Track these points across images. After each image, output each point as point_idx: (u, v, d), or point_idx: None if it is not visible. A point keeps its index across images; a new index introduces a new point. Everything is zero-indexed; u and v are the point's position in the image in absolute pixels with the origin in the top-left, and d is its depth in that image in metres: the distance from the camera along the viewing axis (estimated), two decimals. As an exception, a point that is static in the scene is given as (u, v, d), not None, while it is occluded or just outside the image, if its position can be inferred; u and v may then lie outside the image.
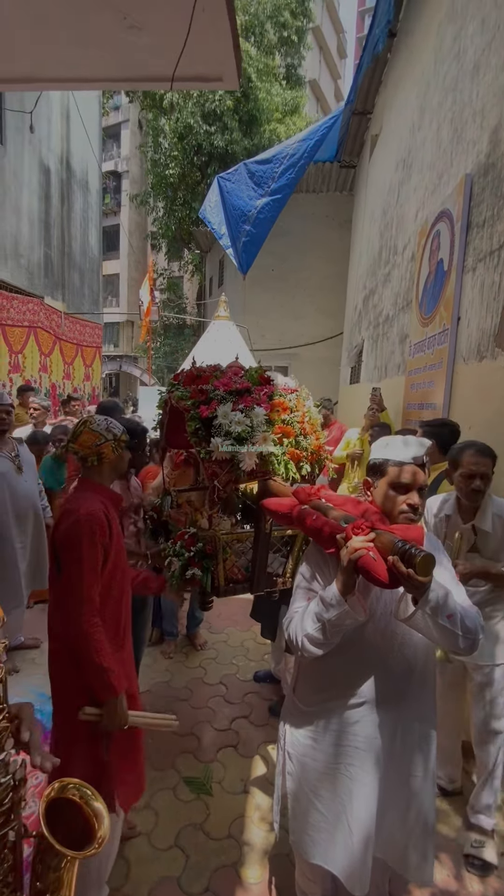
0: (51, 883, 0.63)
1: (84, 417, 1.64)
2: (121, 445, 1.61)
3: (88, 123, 7.95)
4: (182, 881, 1.71)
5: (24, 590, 2.85)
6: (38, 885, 0.64)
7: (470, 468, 1.83)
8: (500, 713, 1.85)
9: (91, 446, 1.55)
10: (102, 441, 1.56)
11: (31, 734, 0.68)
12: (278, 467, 1.62)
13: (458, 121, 3.39)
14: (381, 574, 1.05)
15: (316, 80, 21.81)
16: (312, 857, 1.29)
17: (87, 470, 1.60)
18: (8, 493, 2.71)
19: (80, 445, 1.56)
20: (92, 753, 1.46)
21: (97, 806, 0.70)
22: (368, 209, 7.08)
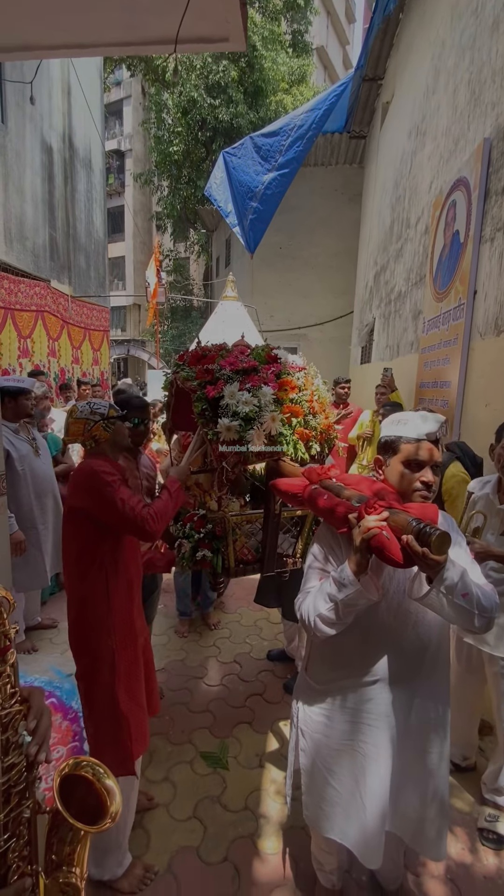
0: (65, 856, 0.66)
1: (69, 409, 1.65)
2: (111, 422, 1.62)
3: (90, 98, 7.75)
4: (201, 851, 1.76)
5: (49, 571, 2.94)
6: (54, 858, 0.66)
7: (498, 451, 1.79)
8: None
9: (83, 433, 1.58)
10: (92, 425, 1.58)
11: (37, 722, 0.68)
12: (287, 447, 1.60)
13: (476, 82, 3.21)
14: (396, 553, 1.03)
15: (323, 46, 20.93)
16: (327, 832, 1.30)
17: (90, 452, 1.63)
18: (29, 475, 2.79)
19: (73, 436, 1.59)
20: (111, 713, 1.50)
21: (109, 783, 0.72)
22: (379, 181, 6.84)
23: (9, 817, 0.62)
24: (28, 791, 0.64)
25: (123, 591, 1.56)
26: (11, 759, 0.63)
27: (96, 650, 1.51)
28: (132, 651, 1.58)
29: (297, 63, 14.21)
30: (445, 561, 1.03)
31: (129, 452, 1.75)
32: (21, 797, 0.63)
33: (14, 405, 2.78)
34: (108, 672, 1.51)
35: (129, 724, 1.51)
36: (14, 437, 2.78)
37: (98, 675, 1.51)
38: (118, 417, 1.64)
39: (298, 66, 14.25)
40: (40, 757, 0.66)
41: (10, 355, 5.20)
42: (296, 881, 1.66)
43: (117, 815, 0.70)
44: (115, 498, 1.45)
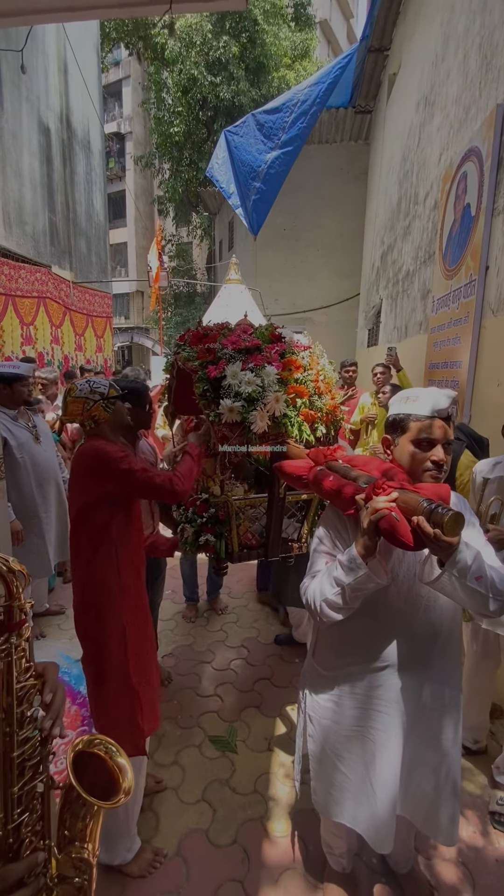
0: (78, 832, 0.67)
1: (67, 387, 1.60)
2: (111, 402, 1.57)
3: (88, 77, 7.55)
4: (210, 833, 1.76)
5: (52, 560, 2.91)
6: (66, 833, 0.67)
7: None
8: None
9: (82, 412, 1.53)
10: (91, 404, 1.53)
11: (53, 696, 0.69)
12: (292, 429, 1.54)
13: (488, 46, 3.06)
14: (405, 535, 0.98)
15: (327, 20, 20.23)
16: (337, 817, 1.29)
17: (88, 433, 1.59)
18: (29, 462, 2.74)
19: (71, 416, 1.55)
20: (123, 690, 1.50)
21: (121, 761, 0.73)
22: (386, 157, 6.63)
23: (22, 791, 0.62)
24: (42, 766, 0.65)
25: (132, 570, 1.56)
26: (26, 732, 0.63)
27: (107, 629, 1.50)
28: (142, 628, 1.58)
29: (299, 37, 13.77)
30: (458, 543, 0.98)
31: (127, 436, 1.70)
32: (35, 771, 0.64)
33: (10, 392, 2.71)
34: (120, 650, 1.50)
35: (140, 701, 1.51)
36: (12, 424, 2.73)
37: (109, 654, 1.49)
38: (118, 397, 1.59)
39: (301, 41, 13.81)
40: (54, 731, 0.67)
41: (13, 343, 5.16)
42: (305, 864, 1.65)
43: (130, 791, 0.71)
44: (132, 469, 1.44)
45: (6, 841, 0.61)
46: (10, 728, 0.62)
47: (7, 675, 0.63)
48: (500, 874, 1.64)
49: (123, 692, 1.50)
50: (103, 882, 1.57)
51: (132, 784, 0.72)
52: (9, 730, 0.62)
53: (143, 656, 1.57)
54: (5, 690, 0.63)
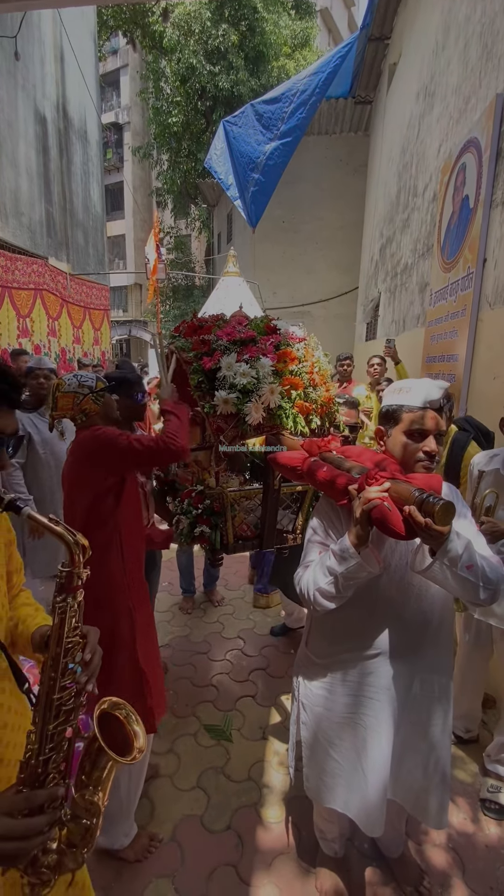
0: (94, 779, 0.76)
1: (55, 383, 1.59)
2: (101, 394, 1.57)
3: (85, 66, 7.45)
4: (205, 819, 1.79)
5: None
6: (84, 778, 0.77)
7: None
8: None
9: (72, 407, 1.54)
10: (81, 398, 1.54)
11: (92, 656, 0.80)
12: (286, 421, 1.55)
13: (489, 34, 3.03)
14: (397, 525, 0.99)
15: (327, 8, 19.97)
16: (328, 803, 1.31)
17: (80, 426, 1.58)
18: (52, 460, 2.70)
19: (61, 411, 1.55)
20: (132, 670, 1.54)
21: (137, 728, 0.82)
22: (386, 149, 6.58)
23: (56, 730, 0.71)
24: (73, 713, 0.75)
25: (134, 551, 1.60)
26: (66, 681, 0.73)
27: (114, 611, 1.52)
28: (146, 610, 1.63)
29: (299, 26, 13.59)
30: (449, 532, 0.98)
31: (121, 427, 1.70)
32: (68, 716, 0.74)
33: (28, 388, 2.70)
34: (128, 630, 1.53)
35: (149, 681, 1.55)
36: (38, 418, 2.71)
37: (118, 636, 1.52)
38: (106, 389, 1.59)
39: (301, 30, 13.63)
40: (88, 686, 0.78)
41: (10, 335, 5.13)
42: (298, 849, 1.68)
43: (142, 751, 0.80)
44: (129, 441, 1.46)
45: (36, 770, 0.70)
46: (55, 674, 0.72)
47: (60, 629, 0.74)
48: (490, 859, 1.67)
49: (133, 673, 1.54)
50: (99, 866, 1.60)
51: (144, 746, 0.81)
52: (53, 675, 0.72)
53: (148, 641, 1.61)
54: (56, 641, 0.74)
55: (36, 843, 0.65)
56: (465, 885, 1.58)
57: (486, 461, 1.91)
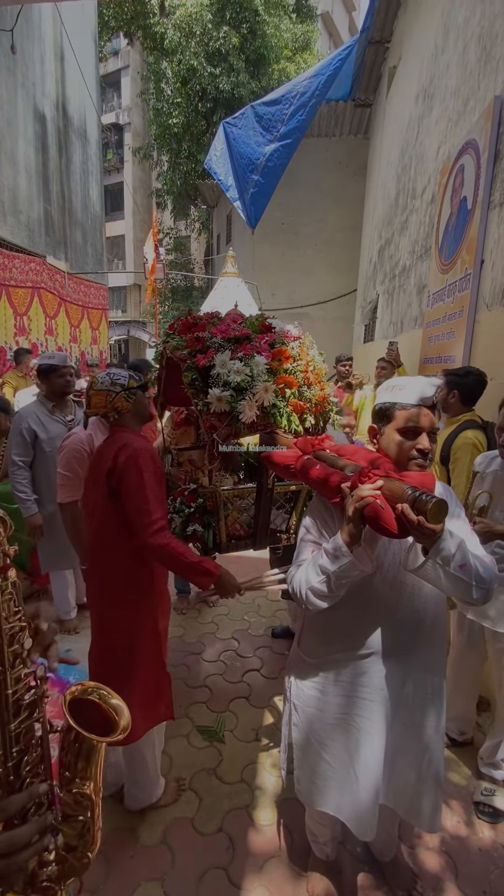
0: (79, 771, 0.69)
1: (89, 382, 1.63)
2: (133, 392, 1.60)
3: (85, 66, 7.45)
4: (196, 822, 1.77)
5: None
6: (67, 774, 0.70)
7: (500, 426, 1.73)
8: None
9: (105, 405, 1.57)
10: (114, 396, 1.57)
11: (49, 626, 0.75)
12: (280, 419, 1.53)
13: (488, 37, 3.03)
14: (390, 523, 0.98)
15: (329, 12, 20.04)
16: (320, 806, 1.29)
17: (113, 423, 1.62)
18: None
19: (95, 409, 1.59)
20: (156, 674, 1.63)
21: (115, 702, 0.76)
22: (385, 151, 6.60)
23: (20, 728, 0.64)
24: (38, 706, 0.68)
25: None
26: (18, 672, 0.66)
27: (139, 617, 1.57)
28: (166, 620, 1.69)
29: (301, 29, 13.64)
30: (442, 530, 0.97)
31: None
32: (31, 711, 0.67)
33: (48, 384, 2.68)
34: (152, 637, 1.60)
35: (168, 680, 1.66)
36: (47, 417, 2.68)
37: (142, 639, 1.58)
38: (139, 387, 1.62)
39: (302, 33, 13.68)
40: (53, 665, 0.72)
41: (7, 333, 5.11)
42: (290, 852, 1.66)
43: (128, 728, 0.74)
44: (147, 497, 1.45)
45: (7, 778, 0.63)
46: (3, 667, 0.65)
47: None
48: (483, 863, 1.66)
49: (158, 678, 1.63)
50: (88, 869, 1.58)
51: (129, 721, 0.75)
52: (1, 668, 0.65)
53: (164, 644, 1.69)
54: None
55: (25, 856, 0.58)
56: (457, 888, 1.56)
57: (485, 464, 1.90)
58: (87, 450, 2.11)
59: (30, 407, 2.72)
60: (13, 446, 2.61)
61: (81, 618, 2.96)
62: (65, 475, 2.15)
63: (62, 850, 0.68)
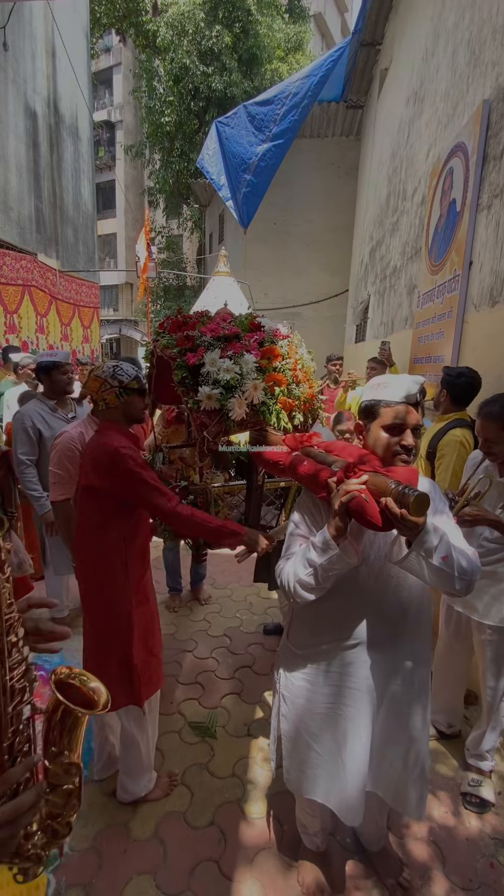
0: (65, 744, 0.75)
1: (91, 368, 1.67)
2: (126, 392, 1.61)
3: (76, 62, 7.41)
4: (188, 816, 1.78)
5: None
6: (53, 749, 0.75)
7: (478, 432, 1.76)
8: (502, 671, 1.82)
9: (96, 391, 1.59)
10: (107, 388, 1.59)
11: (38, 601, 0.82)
12: (270, 417, 1.55)
13: (477, 41, 3.09)
14: (374, 516, 1.00)
15: (321, 13, 20.10)
16: (309, 794, 1.31)
17: (101, 414, 1.64)
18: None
19: (89, 390, 1.62)
20: (122, 660, 1.62)
21: (94, 685, 0.81)
22: (376, 153, 6.65)
23: (15, 711, 0.69)
24: (29, 689, 0.73)
25: (139, 557, 1.65)
26: (13, 660, 0.71)
27: (113, 611, 1.59)
28: (147, 608, 1.70)
29: (293, 30, 13.67)
30: (424, 523, 1.00)
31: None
32: (22, 693, 0.71)
33: (49, 381, 2.68)
34: (125, 629, 1.60)
35: (139, 673, 1.64)
36: (49, 415, 2.68)
37: (113, 633, 1.60)
38: (137, 392, 1.63)
39: (295, 33, 13.70)
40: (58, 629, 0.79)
41: (-3, 332, 5.08)
42: (280, 844, 1.68)
43: (108, 705, 0.79)
44: (147, 481, 1.49)
45: (2, 758, 0.67)
46: (2, 656, 0.69)
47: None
48: (470, 852, 1.69)
49: (125, 672, 1.62)
50: (79, 864, 1.59)
51: (108, 700, 0.80)
52: (0, 657, 0.69)
53: (149, 634, 1.69)
54: None
55: (25, 822, 0.62)
56: (445, 877, 1.60)
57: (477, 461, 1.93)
58: (78, 448, 2.11)
59: (32, 405, 2.73)
60: (19, 445, 2.61)
61: (74, 616, 2.97)
62: (56, 473, 2.16)
63: (46, 818, 0.73)
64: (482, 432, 1.74)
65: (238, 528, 1.57)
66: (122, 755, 1.76)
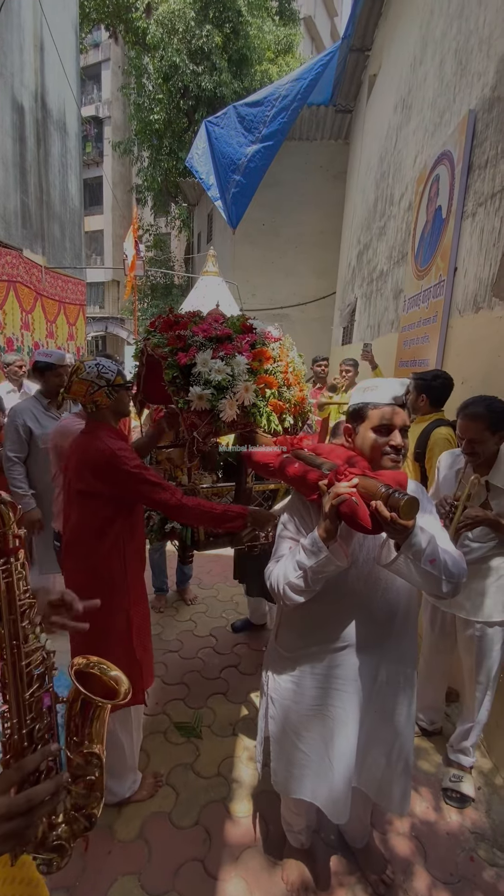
0: (86, 735, 0.76)
1: (75, 365, 1.60)
2: (115, 389, 1.59)
3: (65, 57, 7.30)
4: (173, 816, 1.78)
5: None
6: (75, 739, 0.76)
7: (460, 432, 1.79)
8: (488, 667, 1.86)
9: (84, 395, 1.56)
10: (95, 389, 1.56)
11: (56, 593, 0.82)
12: (260, 419, 1.57)
13: (464, 51, 3.14)
14: (364, 519, 1.02)
15: (311, 16, 20.21)
16: (296, 793, 1.33)
17: (90, 415, 1.62)
18: (54, 454, 2.64)
19: (73, 395, 1.58)
20: (123, 659, 1.61)
21: (115, 674, 0.83)
22: (364, 157, 6.72)
23: (33, 698, 0.69)
24: (47, 675, 0.73)
25: (136, 555, 1.66)
26: (30, 645, 0.71)
27: (112, 609, 1.60)
28: (144, 605, 1.72)
29: (283, 32, 13.71)
30: (413, 526, 1.02)
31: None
32: (42, 681, 0.72)
33: (43, 381, 2.68)
34: (125, 626, 1.63)
35: (141, 666, 1.67)
36: (42, 414, 2.66)
37: (113, 632, 1.61)
38: (123, 386, 1.61)
39: (285, 36, 13.75)
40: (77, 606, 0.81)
41: (-19, 328, 4.98)
42: (266, 842, 1.69)
43: (129, 693, 0.81)
44: (147, 477, 1.50)
45: (21, 745, 0.67)
46: (17, 641, 0.70)
47: (10, 594, 0.71)
48: (450, 846, 1.73)
49: (130, 669, 1.59)
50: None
51: (129, 688, 0.82)
52: (15, 643, 0.70)
53: (144, 632, 1.72)
54: (8, 608, 0.71)
55: (41, 813, 0.61)
56: (426, 871, 1.63)
57: (451, 461, 1.97)
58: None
59: (25, 403, 2.72)
60: (8, 442, 2.61)
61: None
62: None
63: (70, 810, 0.73)
64: (465, 432, 1.76)
65: (242, 510, 1.61)
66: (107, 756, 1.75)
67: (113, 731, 1.69)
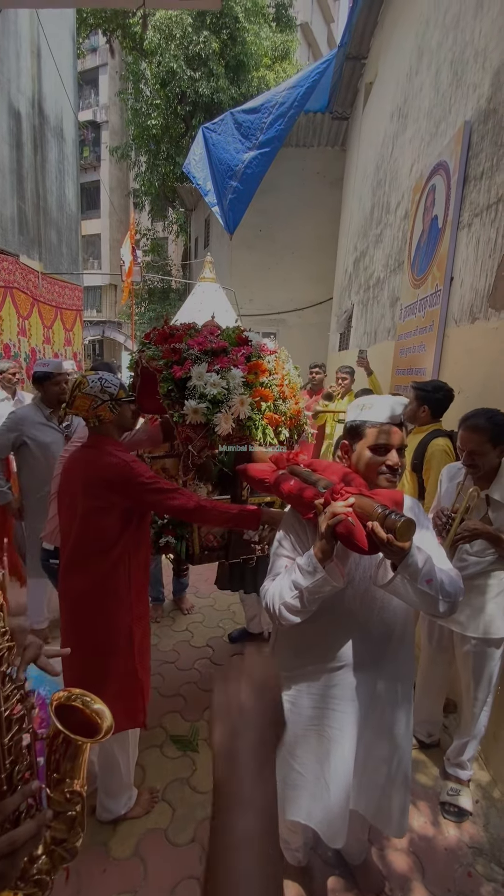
0: (67, 771, 0.74)
1: (77, 380, 1.58)
2: (118, 404, 1.58)
3: (62, 63, 7.32)
4: (169, 833, 1.76)
5: None
6: (55, 776, 0.74)
7: (461, 444, 1.78)
8: (485, 682, 1.85)
9: (87, 410, 1.54)
10: (99, 403, 1.53)
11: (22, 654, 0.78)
12: (256, 432, 1.56)
13: (459, 62, 3.17)
14: (361, 540, 1.02)
15: (308, 23, 20.34)
16: (291, 815, 1.31)
17: (93, 429, 1.59)
18: (53, 464, 2.56)
19: (76, 410, 1.55)
20: (130, 678, 1.62)
21: (98, 707, 0.80)
22: (361, 165, 6.75)
23: (12, 742, 0.67)
24: (26, 719, 0.71)
25: (141, 570, 1.65)
26: (7, 690, 0.69)
27: (115, 624, 1.58)
28: (145, 623, 1.70)
29: (280, 38, 13.80)
30: (410, 548, 1.02)
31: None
32: (20, 724, 0.70)
33: (42, 391, 2.68)
34: (126, 642, 1.60)
35: (142, 685, 1.66)
36: (42, 424, 2.66)
37: (115, 647, 1.59)
38: (127, 400, 1.60)
39: (282, 42, 13.85)
40: (22, 676, 0.74)
41: (-23, 334, 4.96)
42: (262, 859, 1.68)
43: (111, 729, 0.78)
44: (158, 485, 1.50)
45: (0, 788, 0.66)
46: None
47: None
48: (448, 861, 1.72)
49: (131, 684, 1.62)
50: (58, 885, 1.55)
51: (112, 723, 0.79)
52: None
53: (144, 650, 1.71)
54: None
55: (23, 854, 0.61)
56: (424, 887, 1.62)
57: (452, 473, 1.96)
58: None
59: (27, 410, 2.73)
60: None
61: (52, 628, 2.92)
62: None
63: (50, 843, 0.72)
64: (466, 444, 1.75)
65: (256, 510, 1.61)
66: (102, 775, 1.73)
67: (110, 751, 1.67)
